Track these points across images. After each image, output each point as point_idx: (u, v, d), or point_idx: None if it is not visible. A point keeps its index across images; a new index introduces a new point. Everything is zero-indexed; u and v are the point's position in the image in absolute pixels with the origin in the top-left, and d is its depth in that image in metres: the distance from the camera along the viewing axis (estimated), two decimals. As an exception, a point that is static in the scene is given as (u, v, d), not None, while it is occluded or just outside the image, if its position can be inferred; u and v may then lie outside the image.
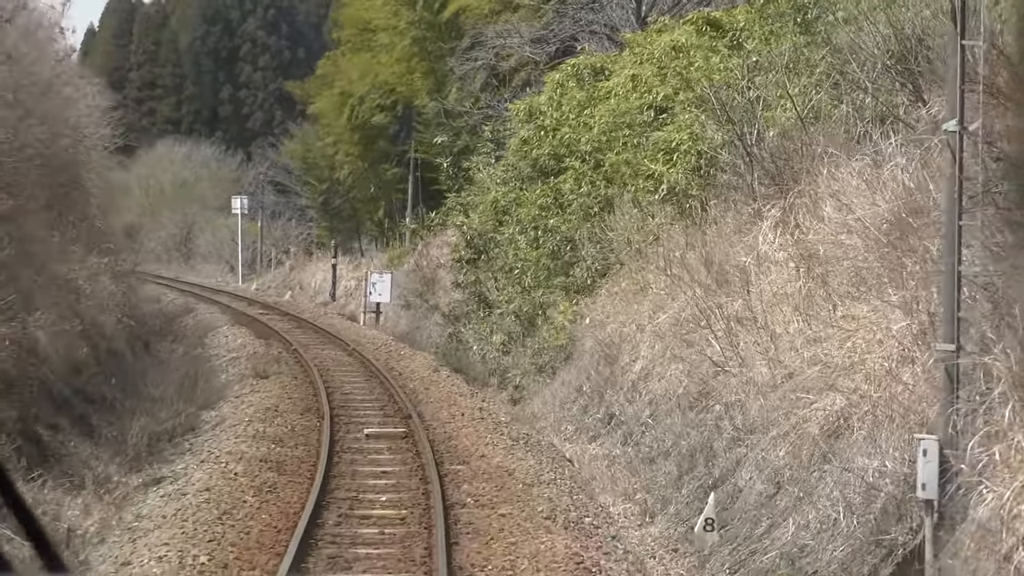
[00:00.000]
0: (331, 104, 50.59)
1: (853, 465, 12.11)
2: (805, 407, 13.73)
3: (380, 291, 36.38)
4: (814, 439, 13.21)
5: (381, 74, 46.02)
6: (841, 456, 12.47)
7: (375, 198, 48.69)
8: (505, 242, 28.04)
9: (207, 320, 35.46)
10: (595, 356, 22.16)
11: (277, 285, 49.92)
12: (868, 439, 12.18)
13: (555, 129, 26.97)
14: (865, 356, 13.22)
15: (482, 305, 29.70)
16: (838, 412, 13.09)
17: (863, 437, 12.35)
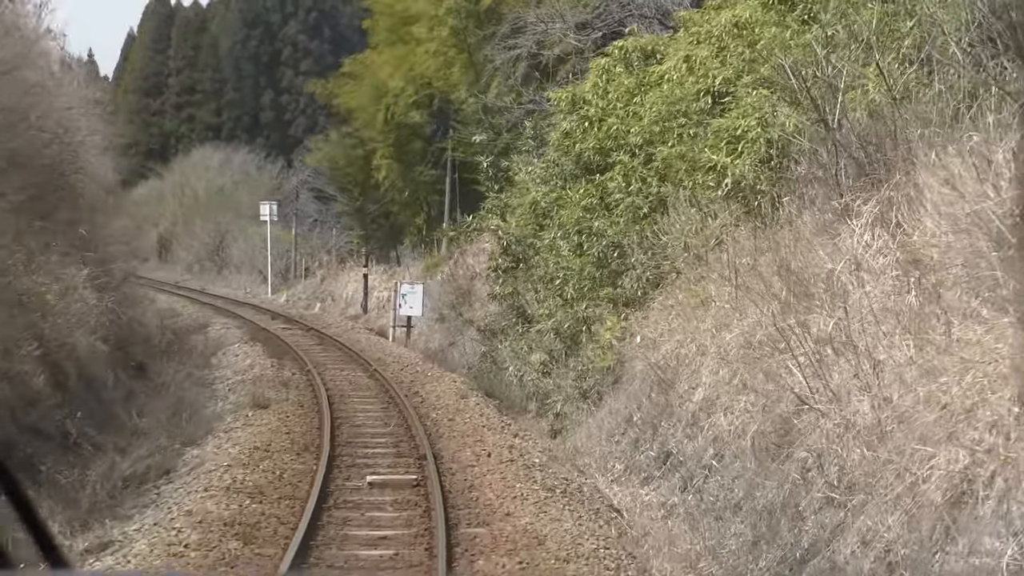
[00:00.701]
0: (363, 101, 47.37)
1: (980, 547, 8.84)
2: (922, 464, 10.37)
3: (411, 304, 33.17)
4: (936, 508, 9.85)
5: (417, 68, 42.81)
6: (967, 534, 9.15)
7: (411, 202, 45.44)
8: (545, 248, 24.81)
9: (220, 336, 32.43)
10: (647, 381, 18.87)
11: (307, 296, 46.84)
12: (997, 512, 8.87)
13: (601, 120, 23.72)
14: (987, 395, 9.89)
15: (520, 320, 26.48)
16: (961, 472, 9.74)
17: (991, 510, 9.02)
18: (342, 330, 36.02)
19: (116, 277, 24.93)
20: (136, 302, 28.96)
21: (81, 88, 26.93)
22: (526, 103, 34.83)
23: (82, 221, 23.39)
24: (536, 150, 32.13)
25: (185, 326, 33.55)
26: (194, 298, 46.07)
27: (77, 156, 24.29)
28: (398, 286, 33.80)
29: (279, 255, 57.34)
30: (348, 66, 53.18)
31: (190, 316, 37.50)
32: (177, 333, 30.86)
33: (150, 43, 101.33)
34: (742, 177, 18.49)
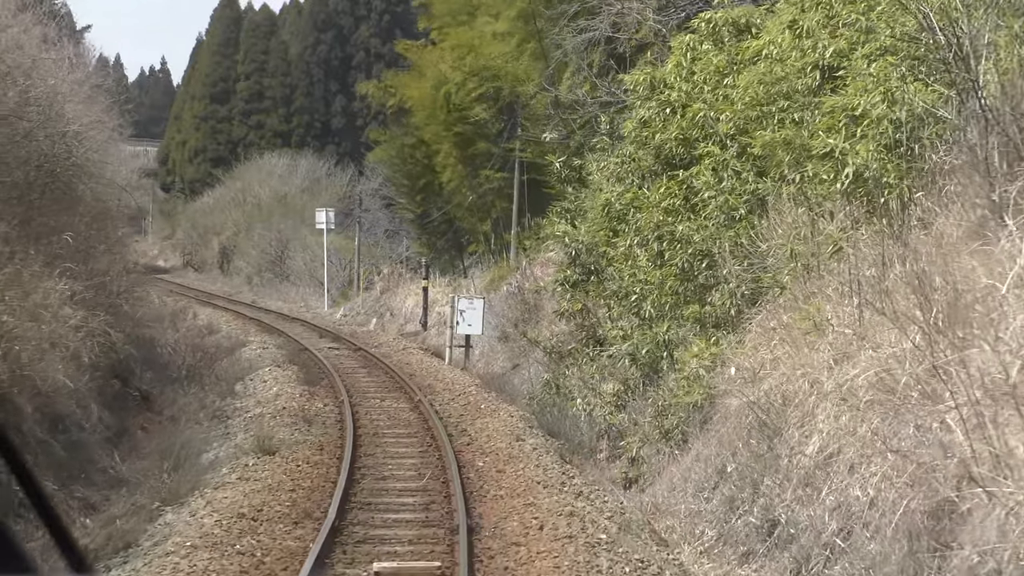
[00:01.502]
0: (422, 97, 43.57)
1: None
2: None
3: (469, 321, 29.38)
4: None
5: (481, 57, 39.01)
6: None
7: (477, 208, 41.59)
8: (619, 258, 20.99)
9: (254, 358, 28.90)
10: (745, 423, 15.06)
11: (365, 311, 43.23)
12: None
13: (685, 106, 19.91)
14: None
15: (590, 342, 22.67)
16: None
17: None
18: (393, 350, 32.34)
19: (113, 292, 21.33)
20: (148, 320, 25.52)
21: (74, 70, 23.37)
22: (601, 97, 31.01)
23: (71, 226, 19.81)
24: (612, 148, 28.46)
25: (218, 346, 30.10)
26: (241, 313, 42.70)
27: (71, 150, 20.78)
28: (455, 301, 30.03)
29: (341, 266, 53.93)
30: (402, 48, 49.30)
31: (228, 334, 34.11)
32: (206, 354, 27.38)
33: (218, 48, 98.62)
34: (864, 167, 14.68)
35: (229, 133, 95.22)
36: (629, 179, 21.65)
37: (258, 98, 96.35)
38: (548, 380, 22.28)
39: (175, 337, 27.38)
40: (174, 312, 36.84)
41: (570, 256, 22.73)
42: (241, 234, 66.82)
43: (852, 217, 15.18)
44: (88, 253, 20.79)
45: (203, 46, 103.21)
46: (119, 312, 21.14)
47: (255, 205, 68.57)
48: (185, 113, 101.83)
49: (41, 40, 21.12)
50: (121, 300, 21.67)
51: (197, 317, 38.94)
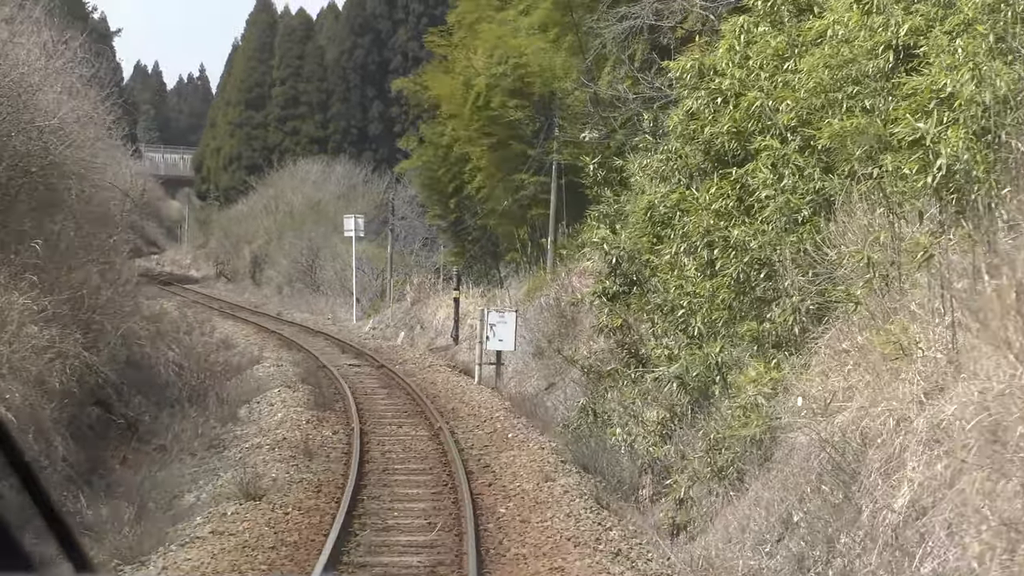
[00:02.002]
0: (452, 93, 41.09)
1: None
2: None
3: (501, 336, 26.93)
4: None
5: (514, 49, 36.47)
6: None
7: (511, 214, 39.08)
8: (664, 268, 18.57)
9: (266, 377, 26.61)
10: (815, 463, 12.74)
11: (395, 323, 40.84)
12: None
13: (739, 95, 17.48)
14: None
15: (632, 361, 20.23)
16: None
17: None
18: (418, 367, 29.96)
19: (94, 307, 18.99)
20: (145, 337, 23.28)
21: (53, 57, 21.12)
22: (644, 92, 28.59)
23: (49, 232, 17.53)
24: (655, 147, 26.08)
25: (229, 363, 27.87)
26: (262, 326, 40.46)
27: (48, 147, 18.49)
28: (485, 314, 27.57)
29: (373, 275, 51.64)
30: (431, 42, 46.69)
31: (244, 350, 31.89)
32: (213, 373, 25.14)
33: (253, 53, 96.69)
34: (955, 158, 12.30)
35: (264, 139, 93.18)
36: (675, 178, 19.27)
37: (294, 104, 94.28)
38: (584, 405, 19.80)
39: (179, 355, 25.12)
40: (190, 326, 34.76)
41: (609, 265, 20.31)
42: (272, 243, 64.68)
43: (934, 221, 12.80)
44: (67, 263, 18.53)
45: (238, 51, 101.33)
46: (101, 330, 18.84)
47: (287, 213, 66.40)
48: (220, 119, 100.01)
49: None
50: (104, 316, 19.34)
51: (215, 331, 36.85)
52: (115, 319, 20.16)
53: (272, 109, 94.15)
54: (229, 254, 75.07)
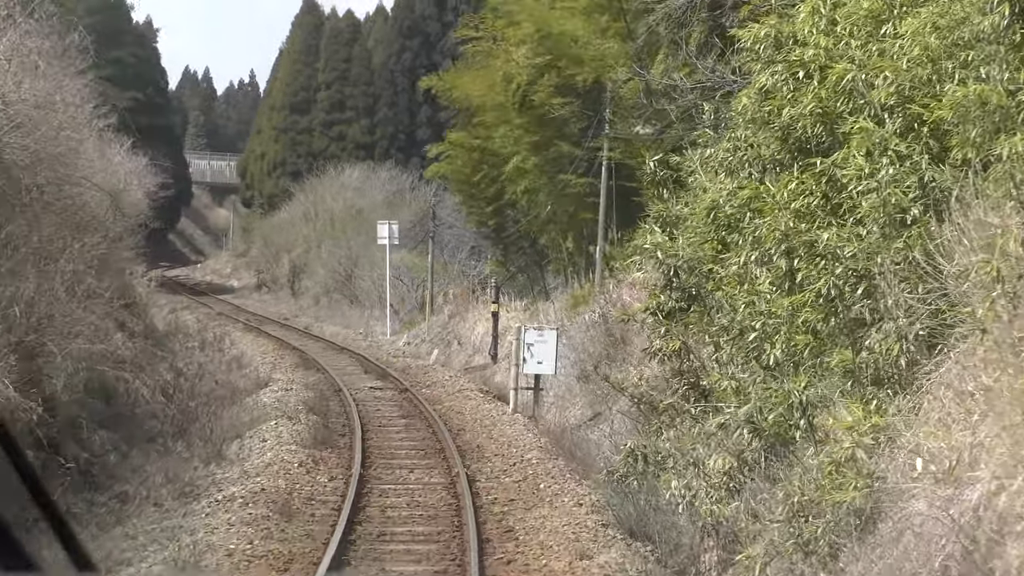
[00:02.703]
0: (490, 89, 37.64)
1: None
2: None
3: (540, 357, 23.51)
4: None
5: (557, 38, 32.98)
6: None
7: (556, 220, 35.56)
8: (731, 280, 15.16)
9: (270, 404, 23.25)
10: (938, 546, 9.41)
11: (431, 339, 37.53)
12: None
13: (824, 68, 14.11)
14: None
15: (692, 394, 16.77)
16: None
17: None
18: (447, 392, 26.58)
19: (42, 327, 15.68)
20: (132, 360, 20.09)
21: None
22: (703, 81, 25.16)
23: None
24: (717, 143, 22.73)
25: (235, 386, 24.69)
26: (285, 341, 37.25)
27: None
28: (522, 332, 24.13)
29: (413, 286, 48.38)
30: (466, 30, 43.09)
31: (255, 370, 28.71)
32: (209, 400, 21.93)
33: (297, 56, 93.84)
34: None
35: (309, 145, 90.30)
36: (745, 172, 15.88)
37: (339, 108, 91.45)
38: (632, 449, 16.29)
39: (169, 380, 21.96)
40: (204, 342, 31.70)
41: (665, 276, 16.83)
42: (311, 251, 61.64)
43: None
44: (13, 272, 15.31)
45: (284, 55, 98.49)
46: (53, 354, 15.57)
47: (327, 220, 63.31)
48: (264, 124, 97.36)
49: None
50: (61, 338, 16.06)
51: (233, 346, 33.76)
52: (77, 341, 16.91)
53: (317, 114, 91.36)
54: (269, 263, 72.20)
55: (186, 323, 38.03)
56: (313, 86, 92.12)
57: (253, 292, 68.86)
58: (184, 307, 51.64)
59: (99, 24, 78.90)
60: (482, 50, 40.23)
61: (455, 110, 43.35)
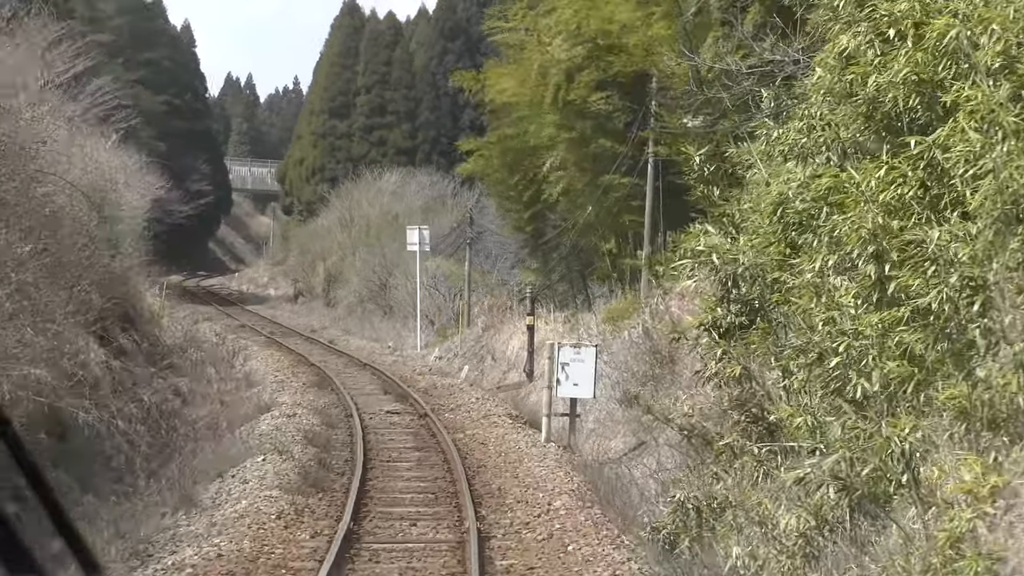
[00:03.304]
0: (524, 83, 34.69)
1: None
2: None
3: (576, 379, 20.51)
4: None
5: (601, 28, 30.02)
6: None
7: (598, 224, 32.54)
8: (804, 291, 12.17)
9: (266, 433, 20.14)
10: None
11: (463, 353, 34.62)
12: None
13: (919, 24, 11.19)
14: None
15: (755, 427, 13.77)
16: None
17: None
18: (473, 417, 23.61)
19: None
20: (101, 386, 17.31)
21: None
22: (761, 65, 22.19)
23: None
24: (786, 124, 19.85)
25: (233, 411, 21.94)
26: (305, 357, 34.40)
27: None
28: (555, 350, 21.13)
29: (450, 296, 45.51)
30: (496, 22, 40.11)
31: (263, 390, 25.94)
32: (200, 429, 19.17)
33: (336, 59, 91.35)
34: None
35: (348, 150, 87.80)
36: (821, 157, 12.97)
37: (380, 112, 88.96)
38: (682, 501, 13.30)
39: (154, 404, 19.17)
40: (216, 358, 29.05)
41: (722, 286, 13.84)
42: (346, 259, 58.89)
43: None
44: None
45: (322, 58, 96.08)
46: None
47: (363, 227, 60.51)
48: (303, 130, 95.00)
49: None
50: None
51: (246, 362, 31.13)
52: (18, 365, 14.15)
53: (357, 118, 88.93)
54: (305, 272, 69.58)
55: (201, 337, 35.39)
56: (352, 90, 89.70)
57: (285, 303, 66.26)
58: (207, 318, 49.13)
59: (130, 25, 76.88)
60: (514, 43, 37.26)
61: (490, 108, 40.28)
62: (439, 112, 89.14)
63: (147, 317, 30.72)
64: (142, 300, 31.40)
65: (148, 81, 77.46)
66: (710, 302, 14.48)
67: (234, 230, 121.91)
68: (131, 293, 29.53)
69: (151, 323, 31.10)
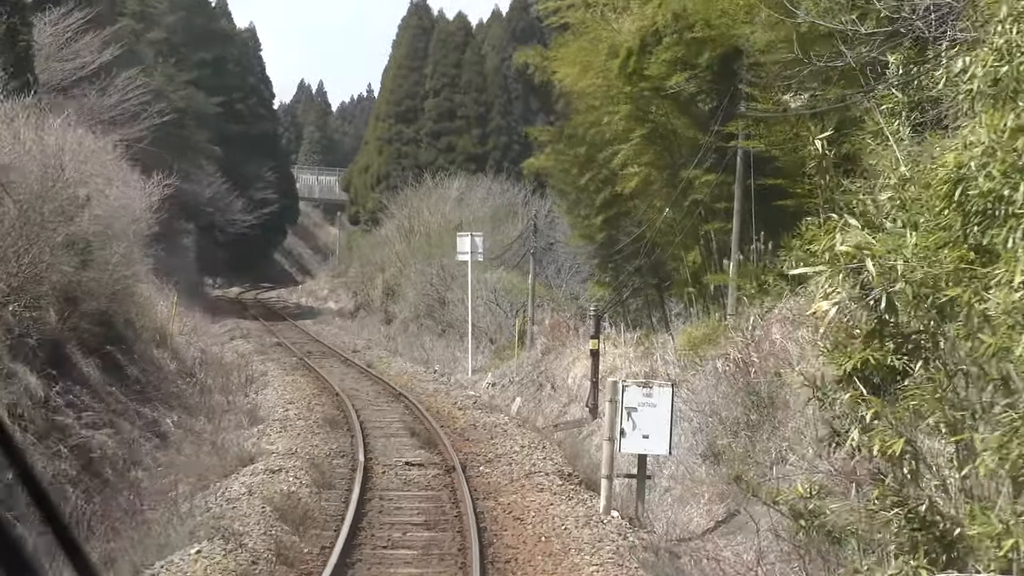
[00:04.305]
0: (586, 67, 29.76)
1: None
2: None
3: (646, 428, 15.43)
4: None
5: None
6: None
7: (677, 229, 27.45)
8: (1000, 318, 7.26)
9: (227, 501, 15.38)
10: None
11: (519, 379, 29.69)
12: None
13: None
14: None
15: (923, 538, 8.87)
16: None
17: None
18: (515, 473, 18.09)
19: None
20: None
21: None
22: (885, 26, 17.26)
23: None
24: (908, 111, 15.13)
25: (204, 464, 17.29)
26: (329, 384, 29.36)
27: None
28: (619, 391, 16.02)
29: (511, 312, 40.66)
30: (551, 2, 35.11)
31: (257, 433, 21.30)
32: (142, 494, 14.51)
33: (403, 61, 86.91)
34: None
35: (415, 156, 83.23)
36: (1016, 109, 8.08)
37: (448, 117, 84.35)
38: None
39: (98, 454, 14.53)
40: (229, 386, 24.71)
41: (871, 311, 8.89)
42: (404, 272, 54.24)
43: None
44: None
45: (389, 61, 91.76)
46: None
47: (423, 236, 55.80)
48: (369, 136, 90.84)
49: None
50: None
51: (261, 391, 26.63)
52: None
53: (424, 123, 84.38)
54: (364, 284, 65.11)
55: (220, 358, 30.92)
56: (420, 94, 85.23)
57: (338, 317, 61.70)
58: (243, 335, 44.78)
59: (184, 23, 72.86)
60: (576, 21, 32.35)
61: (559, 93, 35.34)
62: (511, 117, 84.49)
63: (149, 336, 26.26)
64: (145, 315, 26.94)
65: (202, 82, 73.47)
66: (848, 331, 9.54)
67: (302, 240, 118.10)
68: (126, 308, 25.11)
69: (156, 342, 26.66)
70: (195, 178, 69.29)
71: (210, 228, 76.84)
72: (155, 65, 60.95)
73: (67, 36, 38.67)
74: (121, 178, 24.84)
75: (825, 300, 8.73)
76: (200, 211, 71.51)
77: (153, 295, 30.48)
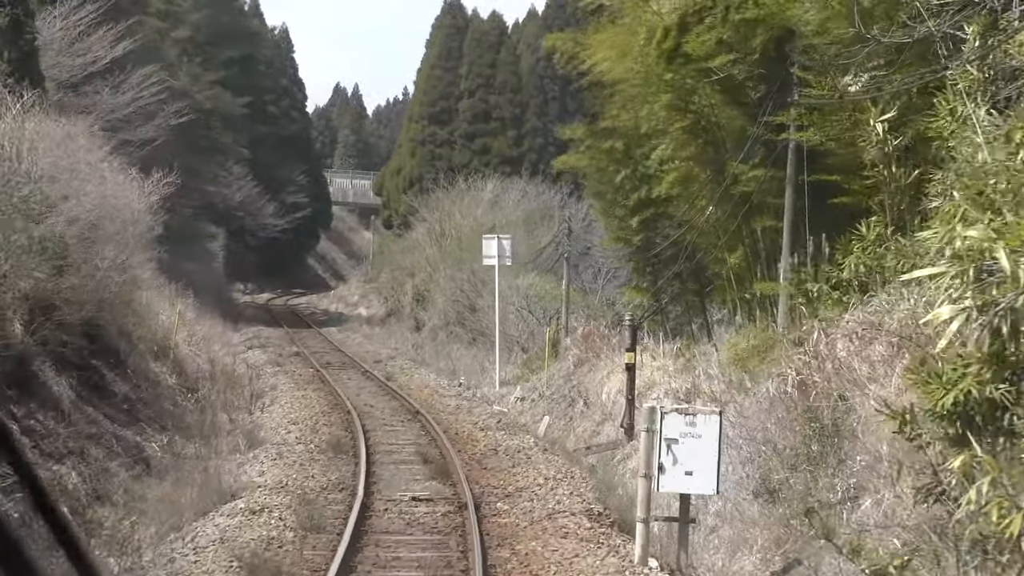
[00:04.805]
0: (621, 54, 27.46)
1: None
2: None
3: (689, 463, 12.96)
4: None
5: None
6: None
7: (721, 229, 25.02)
8: None
9: (200, 549, 13.32)
10: None
11: (550, 394, 27.38)
12: None
13: None
14: None
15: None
16: None
17: None
18: (536, 512, 15.55)
19: None
20: None
21: None
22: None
23: None
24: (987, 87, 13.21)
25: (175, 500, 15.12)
26: (342, 400, 27.16)
27: None
28: (657, 418, 13.55)
29: (544, 320, 38.38)
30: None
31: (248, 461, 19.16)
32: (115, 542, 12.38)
33: (437, 62, 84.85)
34: None
35: (449, 159, 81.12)
36: None
37: (483, 118, 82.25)
38: None
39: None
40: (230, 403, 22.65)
41: (993, 331, 6.60)
42: (434, 277, 52.08)
43: None
44: None
45: (423, 61, 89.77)
46: None
47: (454, 240, 53.60)
48: (402, 138, 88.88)
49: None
50: None
51: (265, 409, 24.54)
52: None
53: (459, 124, 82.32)
54: (395, 290, 62.96)
55: (230, 370, 28.80)
56: (454, 95, 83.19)
57: (366, 324, 59.58)
58: (263, 344, 42.75)
59: (209, 20, 70.82)
60: (613, 3, 30.04)
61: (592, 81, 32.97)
62: (546, 118, 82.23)
63: (147, 347, 24.14)
64: (144, 325, 24.82)
65: (229, 82, 71.46)
66: (951, 354, 7.23)
67: (336, 245, 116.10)
68: (120, 317, 23.01)
69: (156, 354, 24.56)
70: (223, 181, 67.51)
71: (240, 232, 75.05)
72: (179, 64, 59.12)
73: (79, 30, 36.70)
74: (112, 176, 22.69)
75: (951, 305, 6.37)
76: (230, 215, 69.75)
77: (157, 302, 28.37)
